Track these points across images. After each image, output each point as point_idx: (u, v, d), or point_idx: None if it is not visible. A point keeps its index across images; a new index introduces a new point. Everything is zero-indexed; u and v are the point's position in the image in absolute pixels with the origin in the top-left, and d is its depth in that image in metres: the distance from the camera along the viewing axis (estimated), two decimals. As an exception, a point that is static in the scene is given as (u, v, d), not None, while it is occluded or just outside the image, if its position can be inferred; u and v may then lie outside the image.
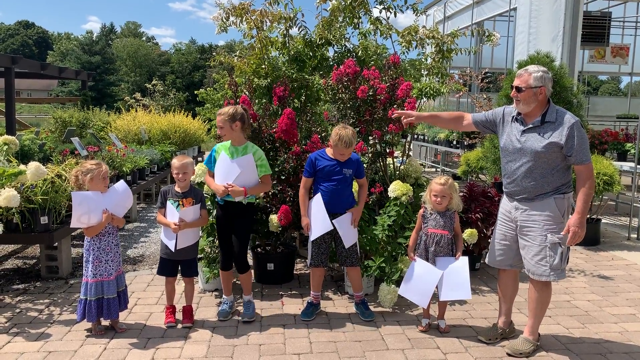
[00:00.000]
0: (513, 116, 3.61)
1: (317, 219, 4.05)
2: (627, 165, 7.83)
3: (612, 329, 4.06)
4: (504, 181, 3.68)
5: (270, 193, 4.83)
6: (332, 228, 4.04)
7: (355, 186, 4.32)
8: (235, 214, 4.06)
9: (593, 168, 3.39)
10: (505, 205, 3.70)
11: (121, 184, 4.01)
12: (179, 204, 3.98)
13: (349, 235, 4.11)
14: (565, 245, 3.43)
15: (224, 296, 4.27)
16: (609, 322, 4.21)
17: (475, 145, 10.19)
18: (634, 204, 7.10)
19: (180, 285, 4.33)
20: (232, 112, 3.97)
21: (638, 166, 7.17)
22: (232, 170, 3.95)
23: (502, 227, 3.72)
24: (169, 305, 4.13)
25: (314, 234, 4.08)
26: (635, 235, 6.89)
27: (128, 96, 19.70)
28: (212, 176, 4.11)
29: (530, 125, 3.48)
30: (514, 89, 3.49)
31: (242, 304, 4.26)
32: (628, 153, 8.39)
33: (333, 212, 4.07)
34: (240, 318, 4.16)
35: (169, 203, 3.99)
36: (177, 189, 4.05)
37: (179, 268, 4.12)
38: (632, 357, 3.60)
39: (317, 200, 4.06)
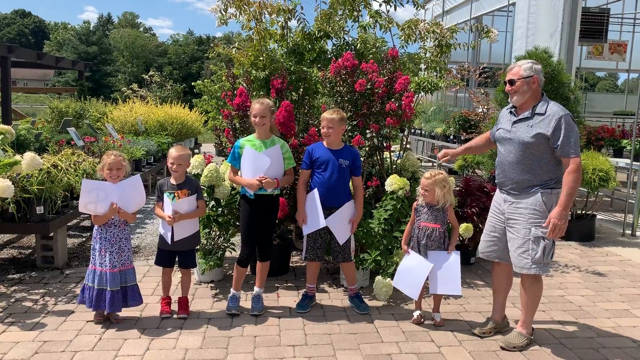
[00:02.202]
0: (509, 110, 3.68)
1: (311, 215, 4.06)
2: (622, 162, 7.86)
3: (605, 324, 4.09)
4: (496, 171, 3.75)
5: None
6: (324, 226, 4.03)
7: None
8: (266, 206, 4.07)
9: (580, 163, 3.40)
10: (496, 197, 3.77)
11: (133, 179, 3.96)
12: (174, 196, 3.97)
13: (342, 232, 4.11)
14: (550, 239, 3.45)
15: (233, 290, 4.17)
16: (602, 317, 4.24)
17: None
18: (629, 201, 7.13)
19: (176, 276, 4.33)
20: (272, 104, 4.03)
21: (634, 163, 7.19)
22: (261, 162, 3.94)
23: (492, 218, 3.77)
24: (165, 297, 4.13)
25: (306, 230, 4.11)
26: (630, 232, 6.92)
27: (125, 87, 19.64)
28: (236, 173, 4.09)
29: (521, 117, 3.55)
30: (507, 84, 3.58)
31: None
32: (624, 150, 8.41)
33: (329, 205, 4.06)
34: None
35: (165, 195, 3.98)
36: (172, 180, 4.04)
37: (177, 259, 4.12)
38: (625, 352, 3.63)
39: (313, 196, 4.06)
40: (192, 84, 15.16)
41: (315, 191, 4.05)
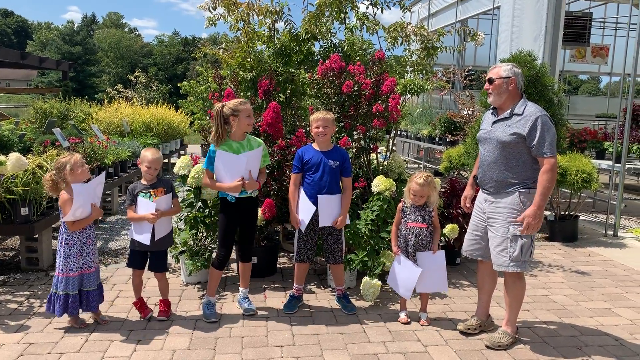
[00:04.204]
0: (490, 111, 3.77)
1: (303, 208, 4.08)
2: (605, 164, 7.99)
3: (587, 323, 4.16)
4: (478, 171, 3.81)
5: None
6: (316, 208, 4.03)
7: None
8: (246, 207, 4.04)
9: (555, 163, 3.45)
10: (479, 196, 3.83)
11: (103, 175, 3.93)
12: (150, 195, 3.93)
13: (327, 216, 4.08)
14: (528, 237, 3.52)
15: (207, 297, 4.12)
16: (584, 316, 4.31)
17: (457, 142, 10.29)
18: (611, 202, 7.24)
19: (151, 278, 4.28)
20: (217, 109, 3.89)
21: (615, 164, 7.32)
22: (241, 165, 3.87)
23: (474, 217, 3.84)
24: (138, 299, 4.08)
25: (304, 224, 4.09)
26: (612, 232, 7.03)
27: (110, 88, 19.48)
28: (211, 177, 3.98)
29: (500, 117, 3.62)
30: (486, 82, 3.68)
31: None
32: (606, 151, 8.54)
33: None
34: (221, 312, 4.17)
35: (139, 197, 3.92)
36: (144, 182, 4.00)
37: (149, 263, 4.06)
38: (607, 350, 3.70)
39: (302, 195, 4.10)
40: (178, 84, 15.07)
41: (302, 191, 4.09)
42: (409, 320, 4.05)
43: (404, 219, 4.03)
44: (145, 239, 3.92)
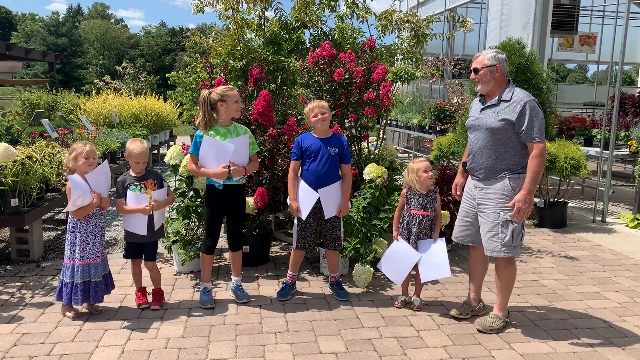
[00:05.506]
0: (478, 98, 3.79)
1: (304, 196, 4.07)
2: (593, 151, 8.06)
3: (577, 306, 4.22)
4: (467, 158, 3.83)
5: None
6: (318, 196, 4.03)
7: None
8: (234, 195, 4.03)
9: (544, 148, 3.48)
10: (468, 183, 3.86)
11: (105, 164, 3.94)
12: (141, 187, 3.93)
13: (331, 207, 4.10)
14: (518, 222, 3.55)
15: (203, 283, 4.14)
16: (574, 299, 4.37)
17: (447, 131, 10.32)
18: (599, 188, 7.32)
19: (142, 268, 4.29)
20: (204, 95, 3.90)
21: (603, 151, 7.39)
22: (226, 151, 3.84)
23: (464, 204, 3.87)
24: (139, 288, 4.10)
25: (305, 212, 4.08)
26: (600, 218, 7.11)
27: (97, 79, 19.28)
28: (196, 163, 3.96)
29: (488, 104, 3.64)
30: (472, 72, 3.68)
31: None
32: (594, 139, 8.63)
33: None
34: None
35: (129, 191, 3.91)
36: (132, 174, 3.99)
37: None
38: (596, 332, 3.76)
39: (302, 183, 4.10)
40: (167, 75, 14.96)
41: (302, 180, 4.09)
42: (406, 304, 4.09)
43: (408, 205, 4.04)
44: (142, 230, 3.92)
